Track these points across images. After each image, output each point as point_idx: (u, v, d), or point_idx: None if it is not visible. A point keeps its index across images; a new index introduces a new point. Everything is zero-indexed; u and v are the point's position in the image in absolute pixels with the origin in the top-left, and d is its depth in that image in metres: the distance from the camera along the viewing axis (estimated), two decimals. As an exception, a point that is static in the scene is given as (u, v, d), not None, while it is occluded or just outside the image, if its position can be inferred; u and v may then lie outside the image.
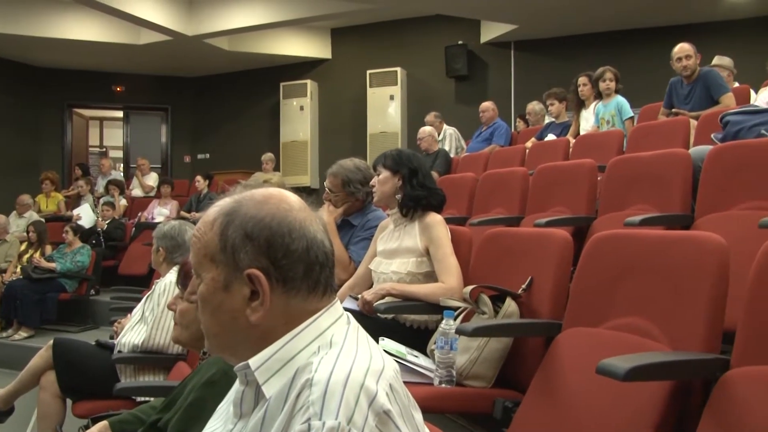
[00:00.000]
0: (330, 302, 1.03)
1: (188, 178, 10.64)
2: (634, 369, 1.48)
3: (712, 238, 1.77)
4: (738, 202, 2.71)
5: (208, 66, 11.56)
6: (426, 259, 2.67)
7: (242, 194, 1.03)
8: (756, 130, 2.96)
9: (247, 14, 9.75)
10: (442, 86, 10.27)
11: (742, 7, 8.27)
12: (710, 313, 1.68)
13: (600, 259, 2.05)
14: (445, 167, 6.55)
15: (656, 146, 3.57)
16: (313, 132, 11.08)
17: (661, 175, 3.11)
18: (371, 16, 10.23)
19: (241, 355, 1.00)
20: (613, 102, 5.35)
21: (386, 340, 2.32)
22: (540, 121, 7.19)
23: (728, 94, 4.77)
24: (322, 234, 1.02)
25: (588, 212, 3.49)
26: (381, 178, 2.83)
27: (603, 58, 8.32)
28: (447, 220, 2.85)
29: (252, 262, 0.97)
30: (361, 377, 0.90)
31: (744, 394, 1.48)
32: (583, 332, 1.98)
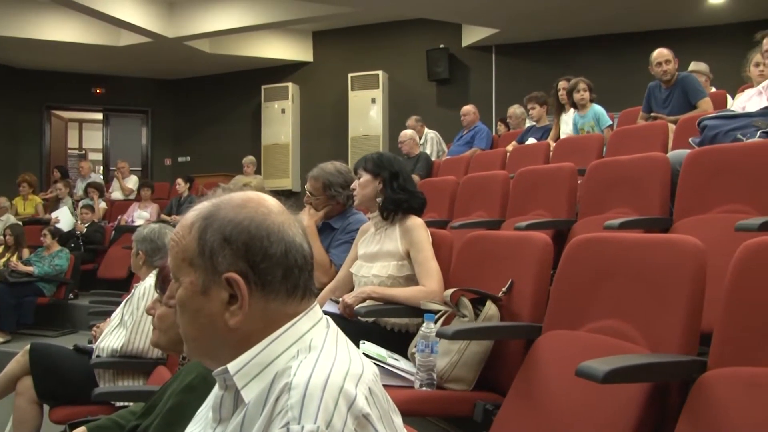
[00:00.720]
0: (309, 306, 1.02)
1: (169, 181, 10.57)
2: (613, 371, 1.50)
3: (689, 242, 1.78)
4: (715, 205, 2.74)
5: (189, 68, 11.50)
6: (407, 262, 2.67)
7: (220, 198, 1.03)
8: (732, 134, 2.99)
9: (228, 16, 9.72)
10: (423, 89, 10.29)
11: (718, 14, 8.38)
12: (687, 316, 1.70)
13: (579, 263, 2.06)
14: (427, 170, 6.56)
15: (635, 150, 3.59)
16: (294, 135, 11.05)
17: (640, 178, 3.14)
18: (353, 20, 10.23)
19: (220, 359, 0.99)
20: (591, 112, 5.38)
21: (367, 344, 2.32)
22: (521, 125, 7.23)
23: (705, 99, 4.83)
24: (301, 237, 1.02)
25: (568, 215, 3.51)
26: (362, 182, 2.83)
27: (583, 62, 8.44)
28: (428, 224, 2.85)
29: (230, 266, 0.97)
30: (340, 381, 0.90)
31: (720, 395, 1.49)
32: (562, 335, 2.00)
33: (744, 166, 2.70)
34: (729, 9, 8.24)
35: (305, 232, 1.04)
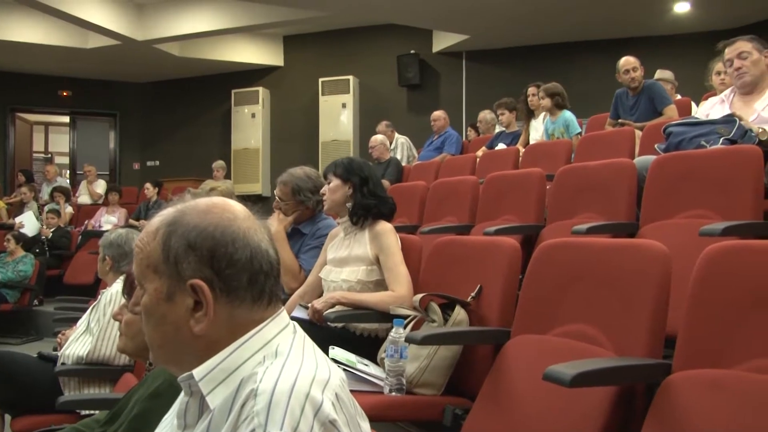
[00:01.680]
0: (275, 312, 1.02)
1: (137, 186, 10.46)
2: (580, 375, 1.51)
3: (654, 247, 1.81)
4: (680, 210, 2.78)
5: (158, 72, 11.39)
6: (376, 267, 2.67)
7: (185, 204, 1.02)
8: (696, 141, 3.04)
9: (198, 20, 9.65)
10: (394, 95, 10.32)
11: (682, 23, 8.54)
12: (653, 320, 1.72)
13: (547, 267, 2.08)
14: (397, 176, 6.58)
15: (603, 156, 3.64)
16: (264, 139, 11.01)
17: (608, 184, 3.18)
18: (324, 24, 10.23)
19: (185, 366, 0.99)
20: (561, 118, 5.43)
21: (336, 349, 2.31)
22: (491, 131, 7.27)
23: (671, 106, 4.92)
24: (267, 243, 1.01)
25: (537, 221, 3.53)
26: (332, 187, 2.83)
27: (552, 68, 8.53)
28: (398, 229, 2.85)
29: (195, 272, 0.96)
30: (306, 387, 0.90)
31: (684, 397, 1.52)
32: (531, 339, 2.01)
33: (708, 172, 2.75)
34: (693, 19, 8.41)
35: (271, 238, 1.03)
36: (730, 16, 8.04)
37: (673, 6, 8.25)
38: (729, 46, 3.28)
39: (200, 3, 9.51)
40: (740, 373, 1.48)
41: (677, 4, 8.20)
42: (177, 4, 9.58)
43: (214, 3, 9.42)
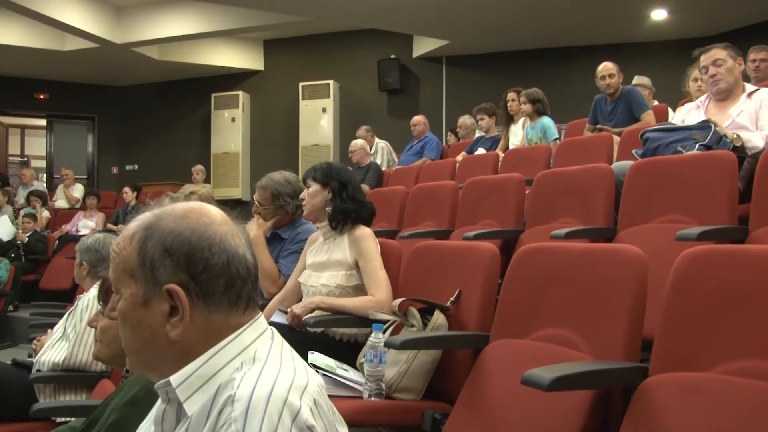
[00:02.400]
0: (253, 317, 1.02)
1: (115, 190, 10.38)
2: (557, 379, 1.51)
3: (631, 251, 1.82)
4: (657, 215, 2.81)
5: (137, 75, 11.32)
6: (355, 272, 2.67)
7: (162, 208, 1.01)
8: (673, 146, 3.08)
9: (178, 23, 9.60)
10: (374, 99, 10.33)
11: (660, 30, 8.65)
12: (630, 323, 1.73)
13: (526, 272, 2.09)
14: (377, 180, 6.58)
15: (581, 161, 3.67)
16: (244, 144, 10.98)
17: (586, 189, 3.20)
18: (304, 29, 10.22)
19: (162, 372, 0.98)
20: (539, 124, 5.47)
21: (315, 354, 2.31)
22: (470, 135, 7.30)
23: (648, 112, 4.97)
24: (245, 248, 1.01)
25: (516, 225, 3.55)
26: (311, 191, 2.83)
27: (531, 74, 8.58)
28: (377, 233, 2.85)
29: (171, 277, 0.95)
30: (284, 393, 0.90)
31: (661, 400, 1.53)
32: (509, 344, 2.02)
33: (684, 177, 2.78)
34: (670, 26, 8.52)
35: (249, 243, 1.03)
36: (706, 24, 8.16)
37: (650, 13, 8.36)
38: (704, 53, 3.32)
39: (180, 6, 9.45)
40: (715, 376, 1.50)
41: (654, 11, 8.31)
42: (157, 7, 9.53)
43: (194, 6, 9.37)
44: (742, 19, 8.10)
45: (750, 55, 5.01)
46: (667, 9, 8.23)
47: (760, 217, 2.54)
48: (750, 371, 1.45)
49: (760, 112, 3.13)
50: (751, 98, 3.21)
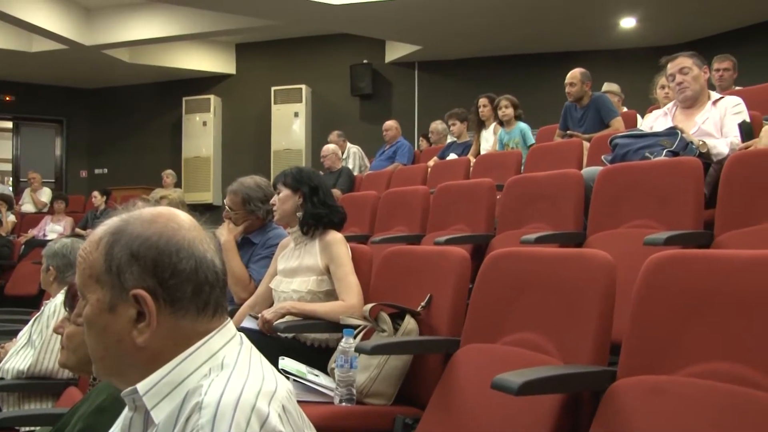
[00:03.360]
0: (222, 323, 1.01)
1: (84, 194, 10.21)
2: (527, 383, 1.52)
3: (599, 256, 1.84)
4: (626, 220, 2.85)
5: (107, 77, 11.18)
6: (326, 277, 2.66)
7: (130, 213, 1.00)
8: (641, 152, 3.12)
9: (149, 26, 9.50)
10: (346, 104, 10.33)
11: (629, 38, 8.79)
12: (598, 327, 1.75)
13: (496, 277, 2.10)
14: (349, 185, 6.57)
15: (552, 166, 3.70)
16: (216, 148, 10.90)
17: (556, 194, 3.23)
18: (277, 33, 10.19)
19: (129, 379, 0.97)
20: (517, 129, 5.51)
21: (286, 360, 2.30)
22: (442, 141, 7.33)
23: (617, 118, 5.04)
24: (213, 253, 1.00)
25: (487, 230, 3.57)
26: (281, 196, 2.81)
27: (503, 80, 8.67)
28: (349, 239, 2.85)
29: (138, 282, 0.94)
30: (252, 399, 0.89)
31: (628, 403, 1.55)
32: (480, 348, 2.02)
33: (651, 183, 2.82)
34: (639, 34, 8.66)
35: (218, 248, 1.02)
36: (673, 32, 8.30)
37: (619, 21, 8.49)
38: (671, 61, 3.38)
39: (151, 9, 9.36)
40: (681, 379, 1.52)
41: (624, 19, 8.44)
42: (127, 9, 9.42)
43: (165, 9, 9.29)
44: (706, 29, 8.28)
45: (714, 64, 5.11)
46: (635, 17, 8.36)
47: (724, 223, 2.58)
48: (715, 373, 1.47)
49: (725, 120, 3.20)
50: (716, 106, 3.27)
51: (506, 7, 7.82)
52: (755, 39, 7.78)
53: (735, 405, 1.40)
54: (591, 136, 4.69)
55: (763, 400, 1.37)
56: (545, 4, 7.78)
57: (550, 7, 7.90)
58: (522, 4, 7.75)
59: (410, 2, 7.84)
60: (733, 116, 3.20)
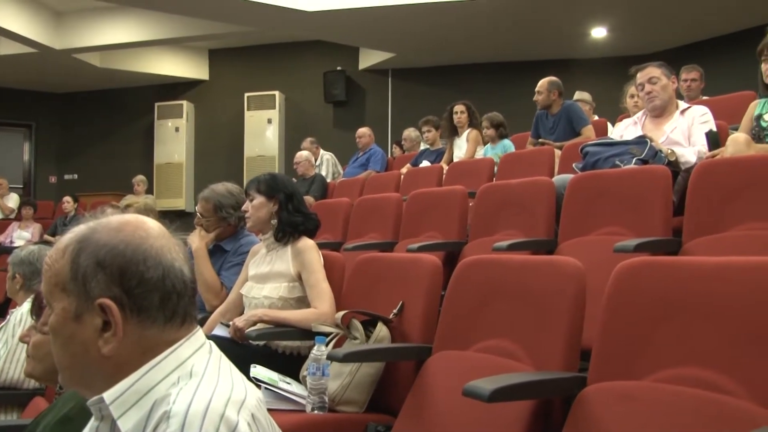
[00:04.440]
0: (190, 332, 1.00)
1: (53, 200, 10.08)
2: (498, 390, 1.53)
3: (570, 263, 1.86)
4: (596, 227, 2.88)
5: (77, 82, 11.04)
6: (298, 284, 2.65)
7: (98, 221, 0.99)
8: (611, 160, 3.16)
9: (120, 30, 9.40)
10: (320, 111, 10.32)
11: (600, 47, 8.91)
12: (569, 334, 1.76)
13: (468, 284, 2.11)
14: (322, 192, 6.56)
15: (524, 174, 3.73)
16: (188, 154, 10.82)
17: (528, 201, 3.25)
18: (250, 39, 10.16)
19: (95, 388, 0.96)
20: (500, 145, 5.60)
21: (258, 368, 2.28)
22: (415, 148, 7.35)
23: (588, 127, 5.10)
24: (182, 262, 0.99)
25: (459, 237, 3.58)
26: (255, 204, 2.79)
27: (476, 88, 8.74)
28: (321, 246, 2.84)
29: (104, 291, 0.93)
30: (221, 407, 0.89)
31: (598, 408, 1.56)
32: (451, 355, 2.03)
33: (621, 190, 2.86)
34: (609, 44, 8.79)
35: (187, 257, 1.01)
36: (643, 43, 8.44)
37: (590, 31, 8.60)
38: (640, 71, 3.43)
39: (123, 13, 9.26)
40: (650, 384, 1.54)
41: (594, 29, 8.56)
42: (98, 13, 9.31)
43: (137, 13, 9.20)
44: (675, 40, 8.43)
45: (682, 75, 5.20)
46: (606, 27, 8.49)
47: (692, 230, 2.62)
48: (683, 379, 1.49)
49: (693, 129, 3.25)
50: (684, 115, 3.33)
51: (479, 16, 7.88)
52: (721, 50, 7.94)
53: (703, 410, 1.41)
54: (562, 144, 4.74)
55: (730, 405, 1.39)
56: (518, 13, 7.86)
57: (523, 17, 7.98)
58: (495, 14, 7.82)
59: (384, 10, 7.88)
60: (701, 125, 3.25)
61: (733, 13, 7.56)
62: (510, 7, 7.64)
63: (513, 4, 7.58)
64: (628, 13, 7.97)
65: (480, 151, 5.94)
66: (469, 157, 5.76)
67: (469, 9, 7.70)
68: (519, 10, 7.75)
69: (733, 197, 2.55)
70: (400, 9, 7.81)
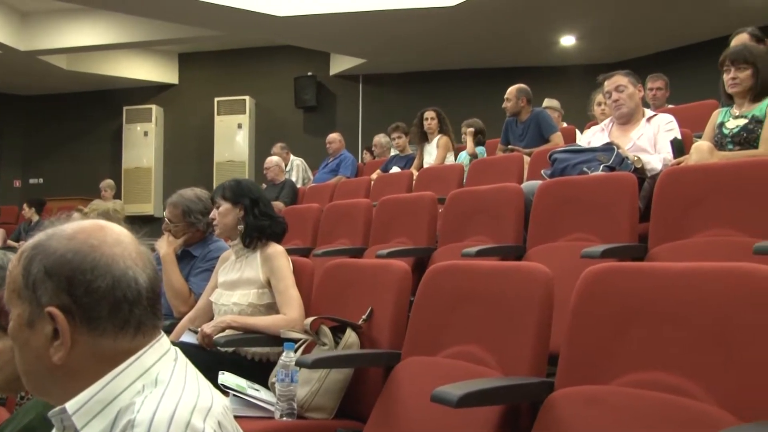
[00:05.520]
0: (149, 340, 0.98)
1: (17, 205, 9.89)
2: (466, 396, 1.54)
3: (538, 269, 1.87)
4: (564, 233, 2.90)
5: (43, 84, 10.88)
6: (267, 290, 2.64)
7: (56, 227, 0.98)
8: (579, 167, 3.19)
9: (88, 32, 9.29)
10: (290, 116, 10.30)
11: (569, 55, 9.04)
12: (536, 339, 1.78)
13: (437, 290, 2.11)
14: (292, 198, 6.53)
15: (494, 180, 3.75)
16: (157, 159, 10.72)
17: (497, 208, 3.27)
18: (220, 43, 10.11)
19: (53, 396, 0.95)
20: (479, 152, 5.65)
21: (226, 374, 2.26)
22: (386, 154, 7.36)
23: (557, 133, 5.15)
24: (138, 270, 0.97)
25: (429, 243, 3.58)
26: (222, 210, 2.77)
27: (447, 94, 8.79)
28: (291, 252, 2.83)
29: (52, 299, 0.92)
30: (186, 415, 0.88)
31: (565, 413, 1.57)
32: (420, 361, 2.03)
33: (589, 197, 2.89)
34: (578, 52, 8.91)
35: (147, 264, 0.99)
36: (610, 51, 8.57)
37: (559, 39, 8.71)
38: (608, 79, 3.48)
39: (91, 15, 9.14)
40: (616, 388, 1.55)
41: (564, 37, 8.67)
42: (65, 15, 9.18)
43: (106, 16, 9.09)
44: (641, 49, 8.57)
45: (648, 83, 5.28)
46: (575, 36, 8.61)
47: (658, 236, 2.66)
48: (648, 383, 1.50)
49: (658, 136, 3.30)
50: (650, 123, 3.38)
51: (450, 23, 7.93)
52: (686, 60, 8.10)
53: (667, 413, 1.43)
54: (531, 151, 4.78)
55: (694, 409, 1.41)
56: (488, 21, 7.92)
57: (493, 25, 8.05)
58: (465, 21, 7.87)
59: (355, 16, 7.89)
60: (666, 133, 3.30)
61: (697, 24, 7.72)
62: (480, 14, 7.70)
63: (483, 12, 7.64)
64: (596, 22, 8.09)
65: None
66: (439, 163, 5.78)
67: (439, 16, 7.75)
68: (489, 18, 7.81)
69: (697, 204, 2.59)
70: (371, 15, 7.83)
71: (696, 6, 7.43)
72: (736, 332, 1.42)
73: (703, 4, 7.37)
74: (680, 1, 7.36)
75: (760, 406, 1.34)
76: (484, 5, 7.42)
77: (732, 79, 3.10)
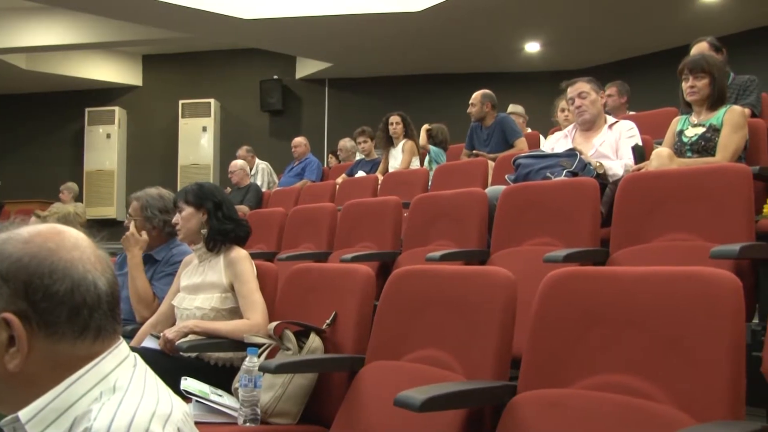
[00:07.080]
0: (108, 346, 0.96)
1: (-26, 207, 9.69)
2: (429, 400, 1.54)
3: (501, 273, 1.89)
4: (527, 238, 2.93)
5: (1, 84, 10.64)
6: (231, 294, 2.62)
7: (11, 231, 0.95)
8: (542, 172, 3.23)
9: (48, 32, 9.12)
10: (256, 120, 10.24)
11: (533, 61, 9.14)
12: (499, 343, 1.79)
13: (401, 294, 2.12)
14: (256, 201, 6.50)
15: (458, 185, 3.77)
16: (120, 161, 10.58)
17: (461, 212, 3.29)
18: (185, 45, 10.01)
19: (9, 404, 0.92)
20: (433, 151, 5.67)
21: (189, 380, 2.24)
22: (351, 158, 7.36)
23: (521, 139, 5.21)
24: (97, 274, 0.95)
25: (393, 248, 3.59)
26: (185, 215, 2.74)
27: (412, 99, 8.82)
28: (255, 256, 2.81)
29: (8, 305, 0.89)
30: (145, 422, 0.86)
31: (528, 416, 1.59)
32: (384, 365, 2.03)
33: (552, 202, 2.92)
34: (542, 58, 9.02)
35: (107, 268, 0.97)
36: (575, 58, 8.69)
37: (524, 46, 8.80)
38: (571, 86, 3.53)
39: (52, 14, 8.96)
40: (576, 392, 1.57)
41: (528, 44, 8.77)
42: (25, 13, 8.99)
43: (67, 15, 8.92)
44: (604, 56, 8.71)
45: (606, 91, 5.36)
46: (539, 42, 8.71)
47: (619, 240, 2.70)
48: (609, 385, 1.53)
49: (620, 143, 3.36)
50: (612, 129, 3.43)
51: (416, 28, 7.97)
52: (648, 68, 8.24)
53: (627, 415, 1.46)
54: (496, 156, 4.82)
55: (653, 410, 1.43)
56: (454, 26, 7.98)
57: (459, 30, 8.11)
58: (431, 26, 7.92)
59: (321, 20, 7.88)
60: (627, 139, 3.36)
61: (658, 33, 7.88)
62: (446, 20, 7.75)
63: (450, 18, 7.70)
64: (560, 29, 8.21)
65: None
66: (404, 167, 5.80)
67: (405, 21, 7.78)
68: (455, 23, 7.87)
69: (656, 209, 2.65)
70: (338, 19, 7.84)
71: (657, 16, 7.58)
72: (693, 335, 1.45)
73: (663, 15, 7.53)
74: (642, 12, 7.50)
75: (715, 406, 1.37)
76: (450, 11, 7.48)
77: (690, 88, 3.18)
